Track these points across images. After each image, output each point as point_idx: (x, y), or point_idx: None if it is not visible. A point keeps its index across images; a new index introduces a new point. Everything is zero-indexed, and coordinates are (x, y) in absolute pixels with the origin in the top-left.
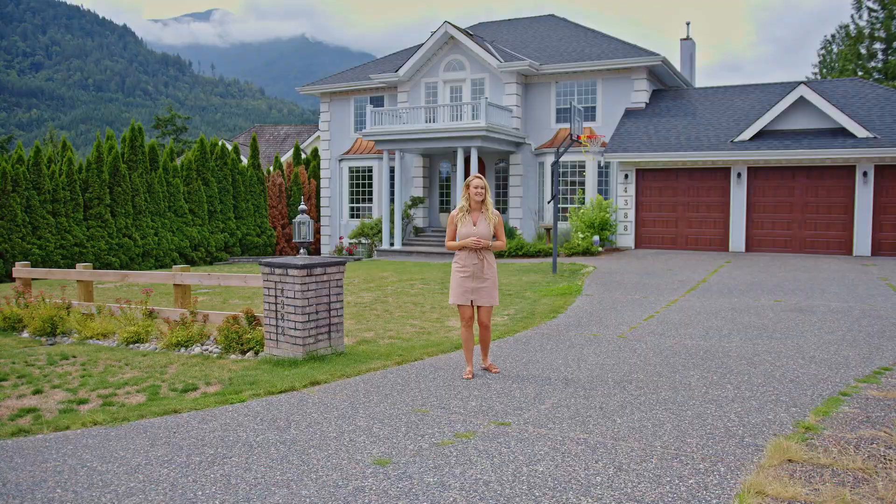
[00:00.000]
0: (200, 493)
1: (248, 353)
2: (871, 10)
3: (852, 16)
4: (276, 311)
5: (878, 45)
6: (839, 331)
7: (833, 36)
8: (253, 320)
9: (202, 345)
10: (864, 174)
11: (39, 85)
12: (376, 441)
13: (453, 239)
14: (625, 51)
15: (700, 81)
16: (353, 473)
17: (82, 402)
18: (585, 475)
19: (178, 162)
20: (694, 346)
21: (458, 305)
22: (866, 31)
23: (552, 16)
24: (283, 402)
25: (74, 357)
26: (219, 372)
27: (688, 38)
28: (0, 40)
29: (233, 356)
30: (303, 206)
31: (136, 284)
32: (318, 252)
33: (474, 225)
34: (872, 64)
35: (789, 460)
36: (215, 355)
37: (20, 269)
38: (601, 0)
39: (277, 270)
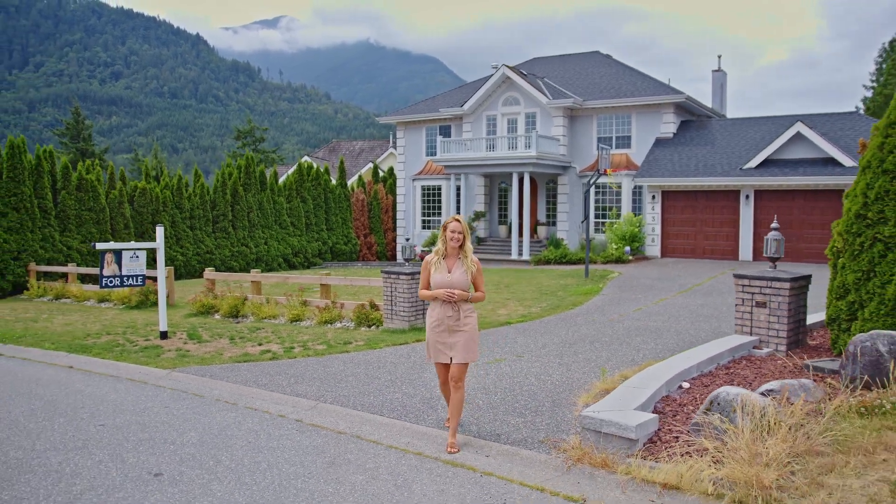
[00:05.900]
0: (379, 376)
1: (372, 327)
2: None
3: None
4: (391, 299)
5: None
6: None
7: (891, 43)
8: (374, 307)
9: (341, 322)
10: None
11: (119, 93)
12: None
13: (427, 287)
14: (655, 88)
15: (771, 81)
16: None
17: (292, 348)
18: (555, 371)
19: (280, 182)
20: (654, 325)
21: (435, 364)
22: None
23: (597, 52)
24: (404, 349)
25: (263, 329)
26: (359, 336)
27: (719, 70)
28: (84, 51)
29: (363, 329)
30: (408, 237)
31: (292, 283)
32: (393, 257)
33: (449, 272)
34: None
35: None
36: (351, 328)
37: (209, 273)
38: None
39: (392, 275)
